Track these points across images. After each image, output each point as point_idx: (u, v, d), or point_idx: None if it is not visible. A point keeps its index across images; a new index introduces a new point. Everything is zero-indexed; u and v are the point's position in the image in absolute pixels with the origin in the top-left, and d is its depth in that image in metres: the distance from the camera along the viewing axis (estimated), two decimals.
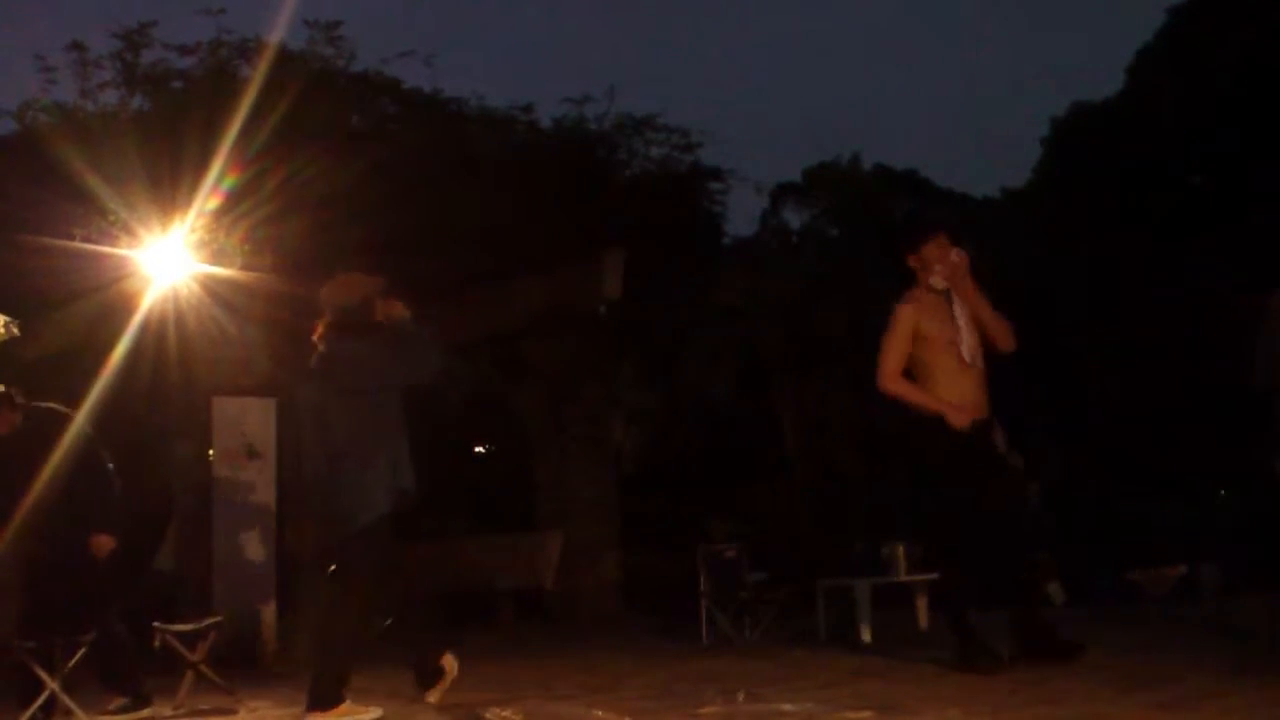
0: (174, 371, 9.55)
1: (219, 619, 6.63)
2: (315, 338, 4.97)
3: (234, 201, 9.12)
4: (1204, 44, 17.06)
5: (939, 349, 5.18)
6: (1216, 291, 15.15)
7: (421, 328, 4.97)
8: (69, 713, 5.23)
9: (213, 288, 9.14)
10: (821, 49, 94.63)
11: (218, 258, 9.13)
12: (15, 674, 5.40)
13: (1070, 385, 16.89)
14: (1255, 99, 15.61)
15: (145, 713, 5.49)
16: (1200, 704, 3.80)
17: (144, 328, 8.75)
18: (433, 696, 4.94)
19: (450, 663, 4.96)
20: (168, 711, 5.68)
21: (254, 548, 9.16)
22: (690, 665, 6.57)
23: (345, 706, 4.60)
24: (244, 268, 9.19)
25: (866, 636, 7.83)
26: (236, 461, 9.32)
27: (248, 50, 9.83)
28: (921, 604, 8.75)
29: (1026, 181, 21.25)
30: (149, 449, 8.81)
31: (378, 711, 4.69)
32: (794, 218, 22.50)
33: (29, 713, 5.22)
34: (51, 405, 5.68)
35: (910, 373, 5.21)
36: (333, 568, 4.78)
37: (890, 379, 5.17)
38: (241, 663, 7.83)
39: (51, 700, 5.24)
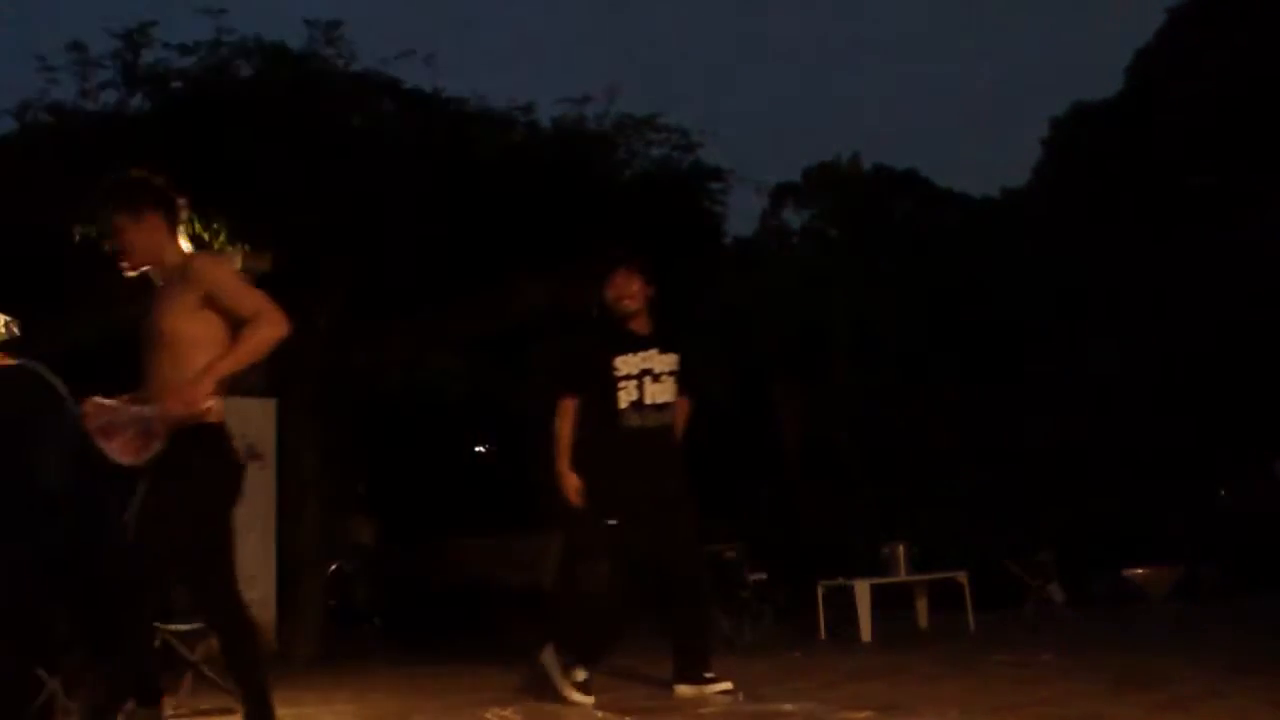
0: None
1: None
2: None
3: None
4: (1203, 44, 17.08)
5: None
6: (1216, 290, 15.15)
7: None
8: (69, 713, 5.22)
9: None
10: (822, 49, 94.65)
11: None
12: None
13: (1070, 383, 16.89)
14: (1254, 99, 15.62)
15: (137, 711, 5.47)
16: (1200, 704, 3.79)
17: None
18: None
19: None
20: (168, 711, 5.68)
21: (254, 548, 9.15)
22: None
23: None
24: (244, 268, 9.16)
25: (866, 636, 7.83)
26: None
27: (248, 50, 9.81)
28: (921, 604, 8.76)
29: (1026, 181, 21.28)
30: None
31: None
32: (794, 218, 22.54)
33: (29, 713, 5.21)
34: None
35: None
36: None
37: None
38: None
39: (51, 700, 5.23)
